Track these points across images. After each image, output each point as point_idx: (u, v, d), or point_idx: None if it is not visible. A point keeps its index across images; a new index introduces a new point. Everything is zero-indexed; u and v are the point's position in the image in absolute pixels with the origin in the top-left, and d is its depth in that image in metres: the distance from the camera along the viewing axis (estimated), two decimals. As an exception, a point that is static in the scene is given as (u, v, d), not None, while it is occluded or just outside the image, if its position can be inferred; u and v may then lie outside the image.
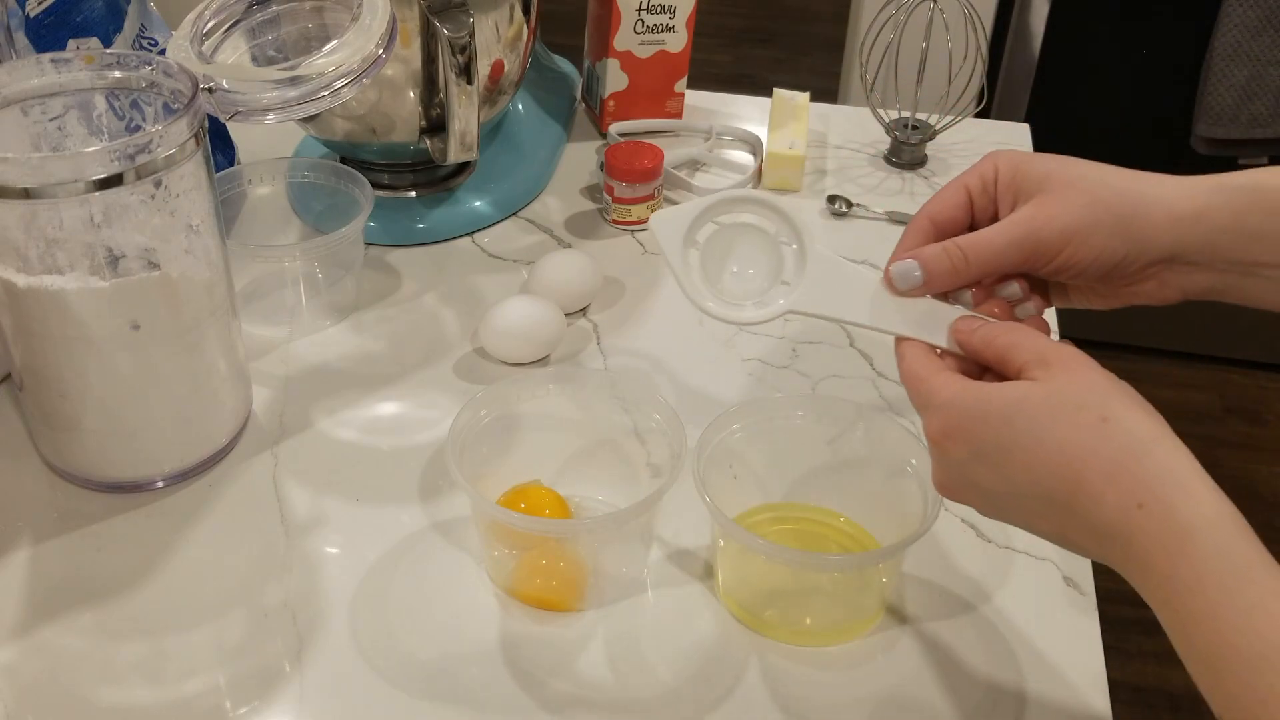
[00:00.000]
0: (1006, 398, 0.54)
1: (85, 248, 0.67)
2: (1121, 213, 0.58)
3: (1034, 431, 0.52)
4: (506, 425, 0.73)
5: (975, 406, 0.54)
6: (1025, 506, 0.54)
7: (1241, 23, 1.81)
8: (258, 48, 0.84)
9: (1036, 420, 0.52)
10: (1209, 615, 0.48)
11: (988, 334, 0.58)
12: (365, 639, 0.67)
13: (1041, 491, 0.53)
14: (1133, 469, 0.50)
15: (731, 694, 0.65)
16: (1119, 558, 0.51)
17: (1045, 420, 0.52)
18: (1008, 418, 0.53)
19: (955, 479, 0.57)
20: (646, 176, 0.99)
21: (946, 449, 0.55)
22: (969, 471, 0.55)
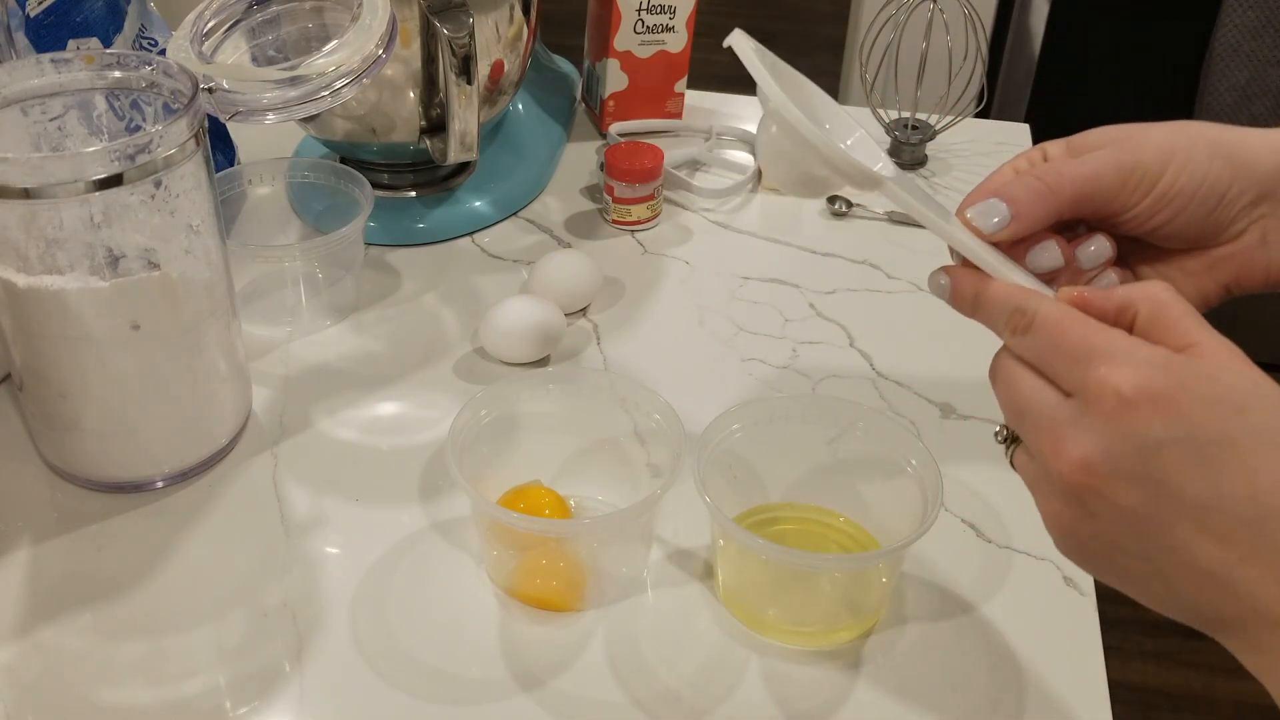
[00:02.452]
0: (1243, 382, 0.43)
1: (85, 248, 0.67)
2: (1220, 138, 0.52)
3: (1274, 437, 0.42)
4: (506, 425, 0.73)
5: (1200, 382, 0.43)
6: (1208, 523, 0.43)
7: (1241, 23, 1.81)
8: (258, 48, 0.84)
9: (1275, 424, 0.42)
10: None
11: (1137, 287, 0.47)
12: (365, 639, 0.67)
13: (1255, 510, 0.42)
14: None
15: (731, 694, 0.65)
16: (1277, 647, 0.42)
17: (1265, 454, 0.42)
18: (1243, 407, 0.42)
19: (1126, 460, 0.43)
20: (646, 176, 0.99)
21: (1140, 417, 0.43)
22: (1159, 458, 0.43)
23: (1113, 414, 0.43)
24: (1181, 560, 0.43)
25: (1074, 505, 0.45)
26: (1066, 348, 0.45)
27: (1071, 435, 0.44)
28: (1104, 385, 0.43)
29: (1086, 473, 0.44)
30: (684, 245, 1.00)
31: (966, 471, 0.79)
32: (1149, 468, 0.43)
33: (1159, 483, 0.43)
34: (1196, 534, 0.43)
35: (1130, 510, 0.43)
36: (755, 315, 0.92)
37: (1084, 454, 0.44)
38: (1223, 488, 0.42)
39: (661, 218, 1.03)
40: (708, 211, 1.05)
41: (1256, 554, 0.42)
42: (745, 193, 1.07)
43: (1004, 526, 0.75)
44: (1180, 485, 0.42)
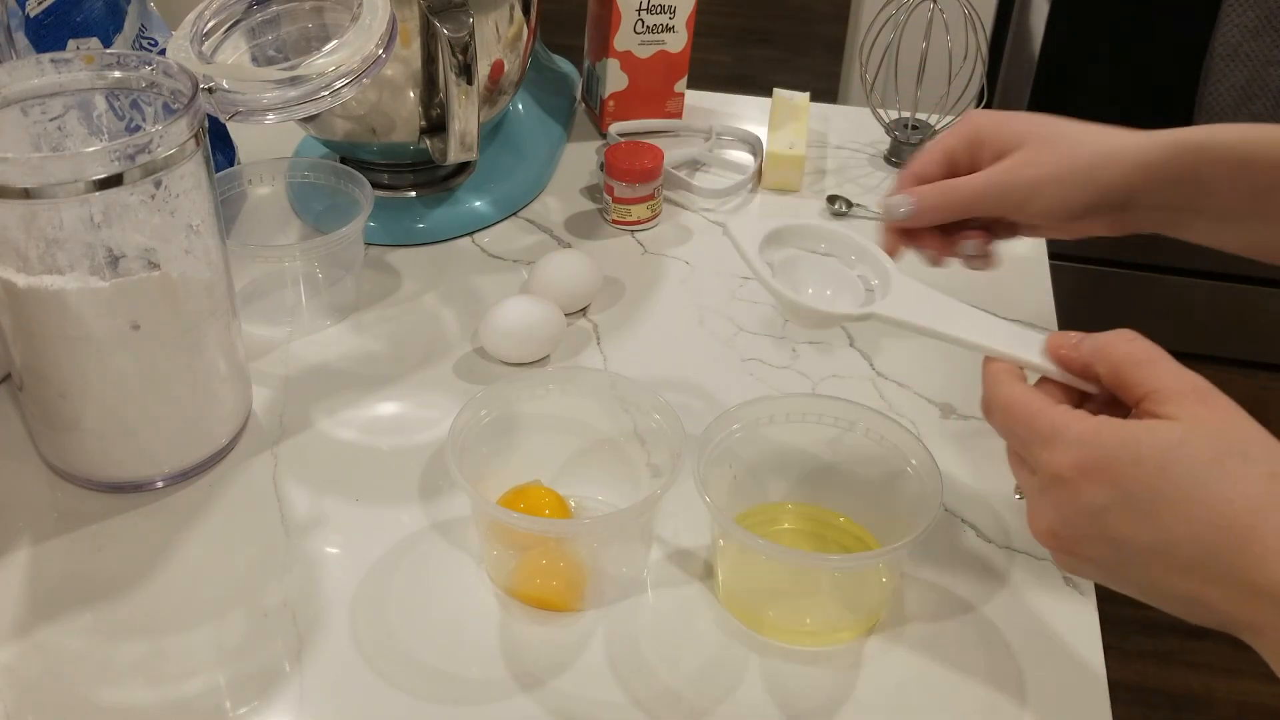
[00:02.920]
0: (1161, 440, 0.49)
1: (85, 248, 0.67)
2: (1089, 165, 0.64)
3: (1197, 478, 0.48)
4: (506, 425, 0.73)
5: (1124, 447, 0.49)
6: (1168, 561, 0.49)
7: (1241, 23, 1.81)
8: (258, 48, 0.84)
9: (1199, 466, 0.48)
10: None
11: (1100, 345, 0.54)
12: (365, 639, 0.67)
13: (1199, 546, 0.48)
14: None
15: (731, 694, 0.65)
16: (1275, 618, 0.47)
17: (1209, 468, 0.48)
18: (1163, 463, 0.49)
19: (1081, 525, 0.51)
20: (646, 176, 0.99)
21: (1081, 490, 0.50)
22: (1106, 519, 0.50)
23: (1060, 491, 0.51)
24: (1160, 591, 0.51)
25: (1062, 556, 0.53)
26: (1018, 432, 0.54)
27: (1037, 510, 0.53)
28: (1048, 468, 0.52)
29: (1056, 540, 0.53)
30: (684, 245, 1.00)
31: (966, 471, 0.79)
32: (1100, 529, 0.50)
33: (1113, 540, 0.50)
34: (1162, 571, 0.50)
35: (1102, 561, 0.52)
36: (755, 315, 0.92)
37: (1049, 526, 0.52)
38: (1166, 534, 0.49)
39: (661, 218, 1.03)
40: (708, 211, 1.05)
41: (1213, 579, 0.48)
42: (745, 193, 1.07)
43: (1004, 526, 0.75)
44: (1131, 538, 0.50)
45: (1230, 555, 0.48)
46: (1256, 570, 0.47)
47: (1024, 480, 0.55)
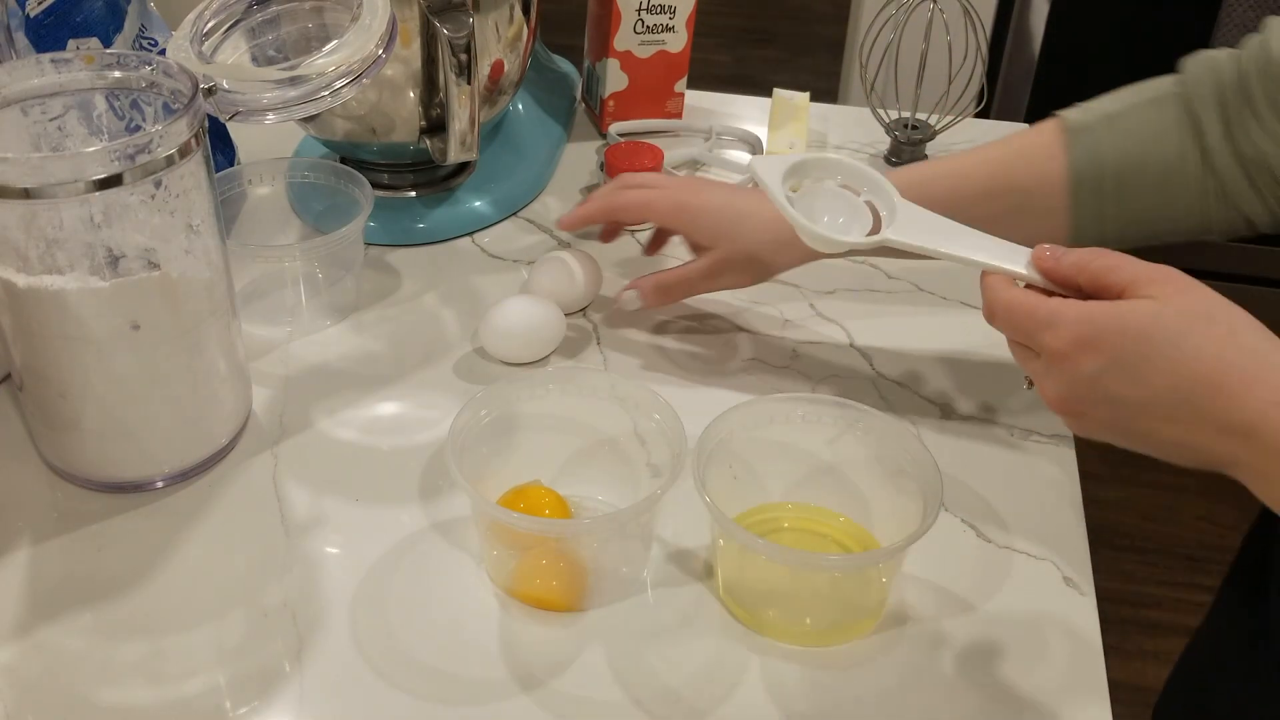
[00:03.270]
0: (1141, 312, 0.58)
1: (85, 248, 0.67)
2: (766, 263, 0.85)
3: (1173, 341, 0.58)
4: (506, 425, 0.73)
5: (1112, 320, 0.59)
6: (1156, 412, 0.59)
7: (1241, 23, 1.81)
8: (258, 48, 0.84)
9: (1173, 331, 0.58)
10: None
11: (1079, 259, 0.62)
12: (365, 639, 0.67)
13: (1180, 396, 0.58)
14: (1264, 377, 0.57)
15: (731, 694, 0.65)
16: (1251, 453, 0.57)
17: (1182, 331, 0.58)
18: (1145, 330, 0.58)
19: (1083, 391, 0.60)
20: (646, 176, 0.99)
21: (1080, 361, 0.59)
22: (1103, 382, 0.59)
23: (1062, 365, 0.60)
24: (1155, 440, 0.60)
25: (1078, 425, 0.63)
26: (1022, 324, 0.62)
27: (1045, 385, 0.62)
28: (1051, 346, 0.60)
29: (1065, 405, 0.61)
30: (684, 245, 1.00)
31: (966, 471, 0.79)
32: (1100, 392, 0.59)
33: (1111, 399, 0.59)
34: (1152, 421, 0.59)
35: (1104, 420, 0.61)
36: (755, 315, 0.92)
37: (1057, 395, 0.61)
38: (1152, 389, 0.58)
39: (661, 218, 1.03)
40: (708, 211, 1.04)
41: (1195, 423, 0.58)
42: (745, 193, 1.07)
43: (1004, 526, 0.75)
44: (1125, 396, 0.59)
45: (1205, 401, 0.57)
46: (1225, 412, 0.57)
47: (1031, 365, 0.63)
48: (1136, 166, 0.76)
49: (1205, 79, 0.75)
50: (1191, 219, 0.76)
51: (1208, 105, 0.75)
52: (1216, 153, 0.74)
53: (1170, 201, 0.76)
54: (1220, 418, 0.57)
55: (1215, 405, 0.57)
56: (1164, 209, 0.76)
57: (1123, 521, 1.98)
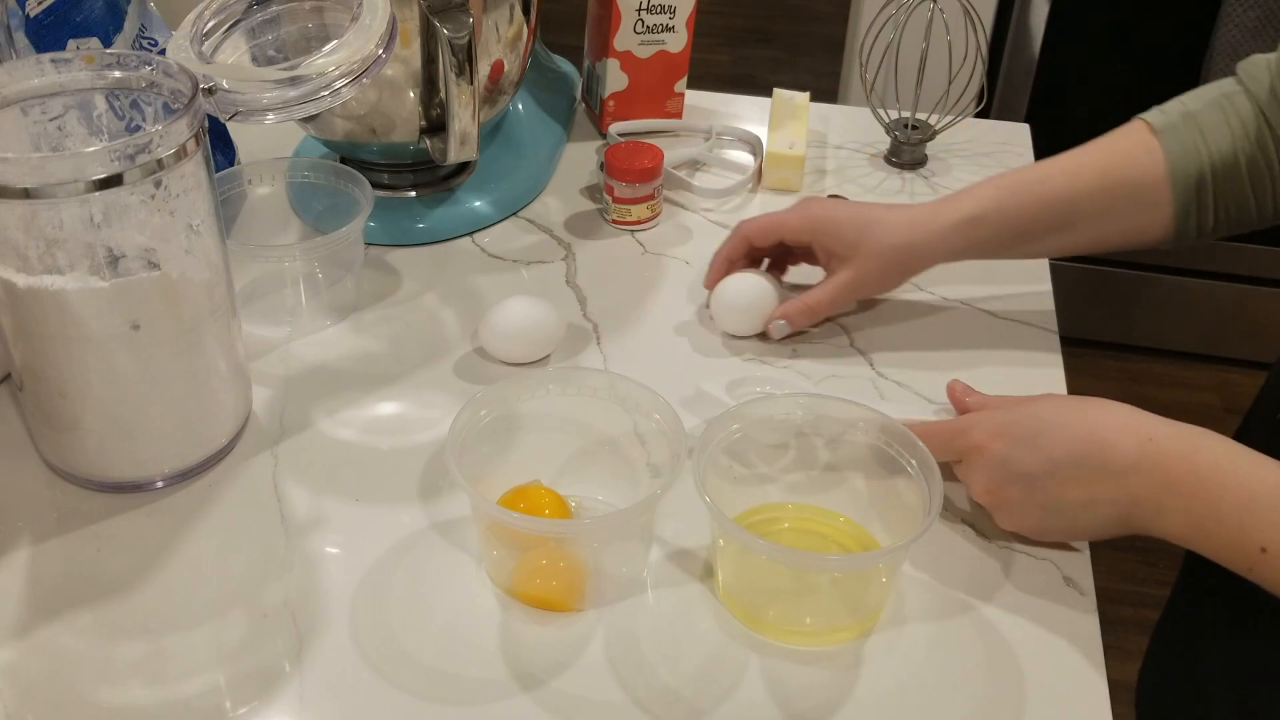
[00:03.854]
0: (1032, 401, 0.73)
1: (85, 248, 0.67)
2: (903, 264, 0.88)
3: (1057, 415, 0.70)
4: (506, 425, 0.73)
5: (1010, 411, 0.72)
6: (1060, 476, 0.68)
7: (1241, 23, 1.81)
8: (258, 48, 0.84)
9: (1055, 409, 0.71)
10: (1232, 485, 0.64)
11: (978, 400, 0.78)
12: (365, 639, 0.67)
13: (1075, 457, 0.68)
14: (1134, 425, 0.68)
15: (731, 694, 0.65)
16: (1142, 487, 0.66)
17: (1061, 408, 0.71)
18: (1036, 413, 0.71)
19: (999, 474, 0.71)
20: (646, 176, 0.99)
21: (991, 448, 0.71)
22: (1011, 461, 0.70)
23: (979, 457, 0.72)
24: (1068, 504, 0.69)
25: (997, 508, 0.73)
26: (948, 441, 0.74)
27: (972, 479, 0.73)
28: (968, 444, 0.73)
29: (989, 495, 0.72)
30: (684, 245, 1.00)
31: (966, 471, 0.79)
32: (1012, 471, 0.70)
33: (1021, 475, 0.70)
34: (1059, 486, 0.69)
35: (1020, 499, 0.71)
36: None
37: (981, 485, 0.73)
38: (1051, 456, 0.69)
39: (661, 218, 1.03)
40: (708, 211, 1.05)
41: (1092, 477, 0.68)
42: (745, 193, 1.07)
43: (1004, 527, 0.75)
44: (1032, 469, 0.69)
45: (1095, 455, 0.68)
46: (1113, 458, 0.67)
47: (960, 471, 0.74)
48: (1225, 157, 0.81)
49: (1261, 76, 0.81)
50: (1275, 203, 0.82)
51: (1270, 98, 0.80)
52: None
53: (1258, 187, 0.81)
54: (1111, 465, 0.67)
55: (1102, 457, 0.67)
56: (1251, 195, 0.82)
57: (1123, 521, 1.98)
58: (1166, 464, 0.66)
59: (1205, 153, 0.81)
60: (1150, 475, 0.66)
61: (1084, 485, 0.68)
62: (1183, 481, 0.65)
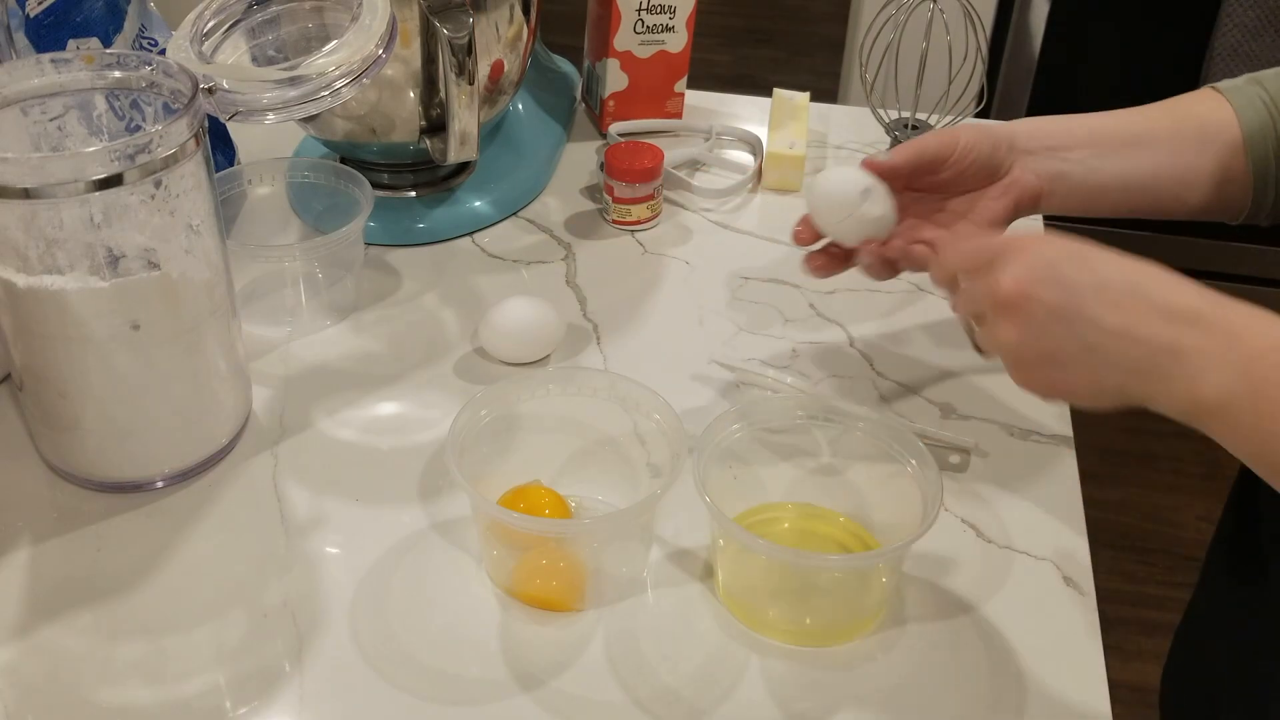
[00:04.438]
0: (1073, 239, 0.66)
1: (85, 248, 0.67)
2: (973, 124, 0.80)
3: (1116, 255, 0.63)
4: (506, 425, 0.73)
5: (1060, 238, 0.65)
6: (1104, 296, 0.61)
7: (1241, 23, 1.81)
8: (258, 48, 0.84)
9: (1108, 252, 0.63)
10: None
11: None
12: (365, 639, 0.67)
13: (1129, 281, 0.61)
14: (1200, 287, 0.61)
15: (731, 694, 0.65)
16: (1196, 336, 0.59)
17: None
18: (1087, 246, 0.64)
19: (1040, 273, 0.63)
20: (646, 176, 0.99)
21: (1038, 249, 0.64)
22: (1058, 269, 0.63)
23: (1022, 254, 0.63)
24: (1098, 327, 0.61)
25: (1020, 321, 0.63)
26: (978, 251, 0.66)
27: (1004, 272, 0.63)
28: (1014, 246, 0.64)
29: (1020, 284, 0.63)
30: (684, 245, 1.00)
31: (967, 471, 0.79)
32: (1055, 274, 0.62)
33: (1063, 281, 0.62)
34: (1099, 306, 0.61)
35: (1053, 305, 0.62)
36: (755, 315, 0.92)
37: (1014, 276, 0.63)
38: (1102, 275, 0.62)
39: (661, 218, 1.03)
40: (708, 211, 1.05)
41: (1140, 310, 0.60)
42: (745, 193, 1.07)
43: (1004, 526, 0.75)
44: (1077, 279, 0.62)
45: (1152, 287, 0.61)
46: (1173, 295, 0.60)
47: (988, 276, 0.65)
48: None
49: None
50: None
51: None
52: None
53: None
54: (1168, 302, 0.60)
55: (1162, 291, 0.61)
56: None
57: (1123, 521, 1.98)
58: (1235, 320, 0.59)
59: (1273, 106, 0.78)
60: (1211, 326, 0.59)
61: (1128, 313, 0.61)
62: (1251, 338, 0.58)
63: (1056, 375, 0.64)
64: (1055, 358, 0.63)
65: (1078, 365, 0.62)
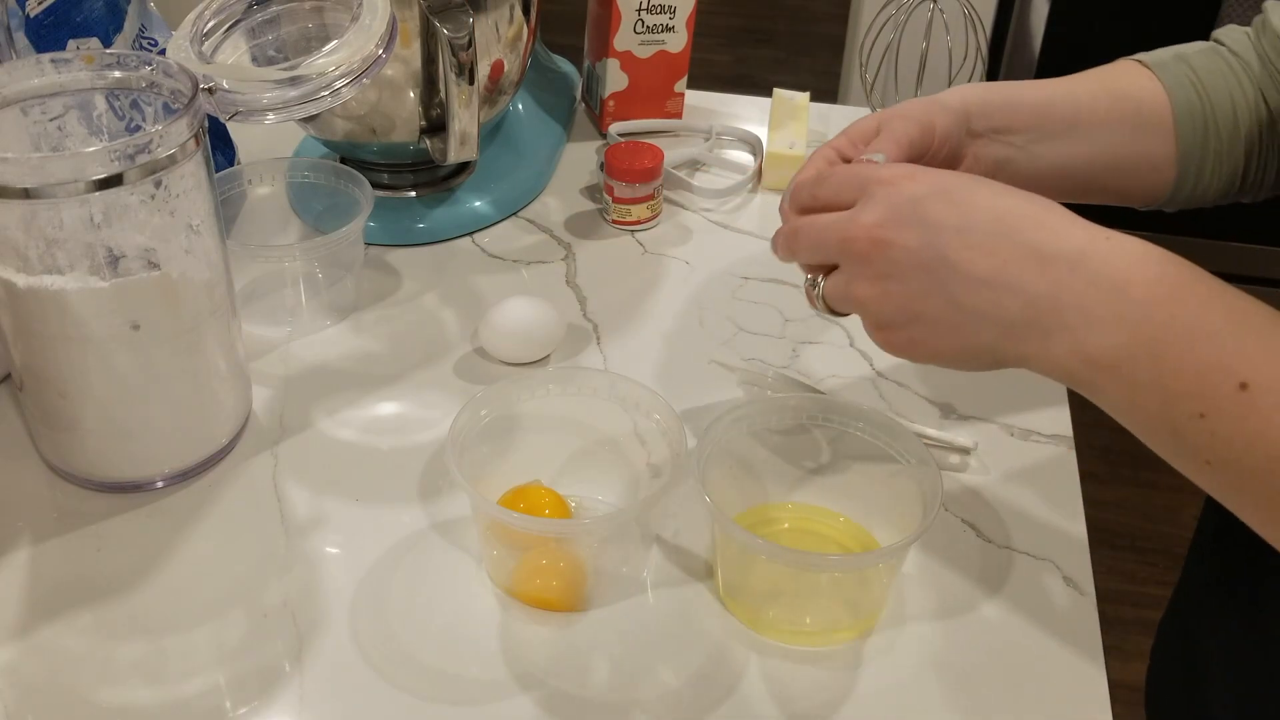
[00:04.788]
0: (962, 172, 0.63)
1: (85, 248, 0.67)
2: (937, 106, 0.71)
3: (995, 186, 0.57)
4: (506, 425, 0.73)
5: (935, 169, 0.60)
6: (973, 240, 0.55)
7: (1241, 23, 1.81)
8: (258, 48, 0.84)
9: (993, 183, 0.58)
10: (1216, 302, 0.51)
11: None
12: (365, 639, 0.67)
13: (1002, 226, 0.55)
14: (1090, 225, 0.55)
15: (731, 694, 0.65)
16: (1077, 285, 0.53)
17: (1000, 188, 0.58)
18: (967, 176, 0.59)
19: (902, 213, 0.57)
20: (646, 176, 0.99)
21: (903, 185, 0.58)
22: (923, 205, 0.57)
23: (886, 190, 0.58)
24: (964, 276, 0.55)
25: (877, 271, 0.57)
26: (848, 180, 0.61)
27: (863, 212, 0.58)
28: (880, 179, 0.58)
29: (879, 228, 0.57)
30: (684, 245, 1.00)
31: (967, 471, 0.79)
32: (918, 214, 0.56)
33: (927, 222, 0.56)
34: (965, 250, 0.55)
35: (915, 249, 0.56)
36: (755, 315, 0.92)
37: (873, 218, 0.57)
38: (970, 217, 0.55)
39: (661, 218, 1.03)
40: (708, 211, 1.05)
41: (1015, 257, 0.54)
42: (745, 193, 1.07)
43: (1004, 526, 0.75)
44: (943, 219, 0.56)
45: (1028, 231, 0.55)
46: (1051, 239, 0.54)
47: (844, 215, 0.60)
48: (1221, 98, 0.74)
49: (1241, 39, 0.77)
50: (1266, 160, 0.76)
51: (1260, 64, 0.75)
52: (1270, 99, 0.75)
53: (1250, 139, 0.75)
54: (1042, 244, 0.54)
55: (1039, 235, 0.54)
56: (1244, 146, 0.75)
57: (1123, 521, 1.98)
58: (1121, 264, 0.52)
59: (1201, 90, 0.74)
60: (1094, 275, 0.53)
61: (1000, 259, 0.54)
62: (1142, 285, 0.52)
63: (921, 334, 0.57)
64: (919, 314, 0.57)
65: (944, 322, 0.56)
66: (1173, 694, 0.89)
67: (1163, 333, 0.51)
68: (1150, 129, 0.75)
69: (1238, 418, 0.49)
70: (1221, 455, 0.50)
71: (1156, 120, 0.75)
